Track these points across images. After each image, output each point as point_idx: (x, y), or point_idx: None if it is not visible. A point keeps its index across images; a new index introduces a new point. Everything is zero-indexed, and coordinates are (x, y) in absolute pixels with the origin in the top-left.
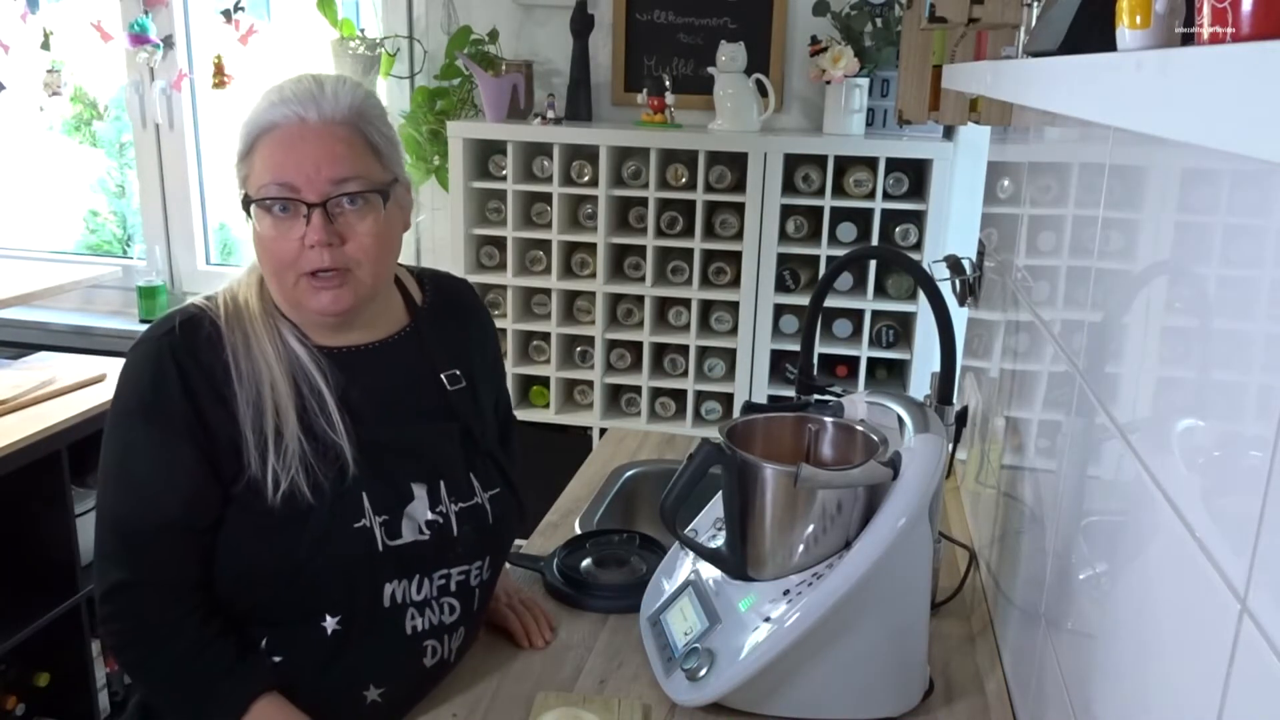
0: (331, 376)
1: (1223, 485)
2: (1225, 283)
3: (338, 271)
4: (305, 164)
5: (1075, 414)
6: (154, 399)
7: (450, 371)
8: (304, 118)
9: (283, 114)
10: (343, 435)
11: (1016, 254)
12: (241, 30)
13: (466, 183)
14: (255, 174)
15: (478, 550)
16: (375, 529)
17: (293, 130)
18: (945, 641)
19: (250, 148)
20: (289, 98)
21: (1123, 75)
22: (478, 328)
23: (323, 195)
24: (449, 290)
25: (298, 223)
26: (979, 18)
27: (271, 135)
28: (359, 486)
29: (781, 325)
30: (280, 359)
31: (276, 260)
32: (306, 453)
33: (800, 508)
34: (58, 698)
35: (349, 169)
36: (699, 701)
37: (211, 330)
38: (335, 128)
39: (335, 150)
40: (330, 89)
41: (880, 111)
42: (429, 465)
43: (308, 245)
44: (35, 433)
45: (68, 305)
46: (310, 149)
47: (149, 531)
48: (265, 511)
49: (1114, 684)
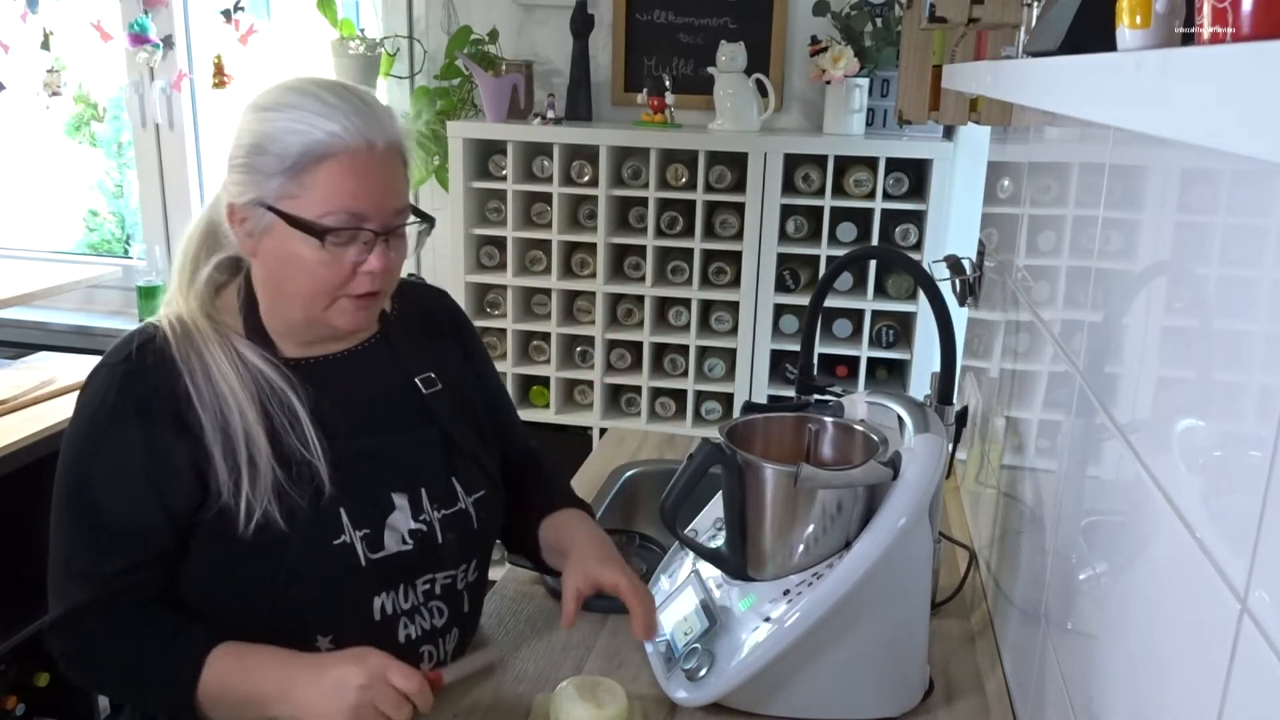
0: (302, 390)
1: (1223, 485)
2: (1225, 283)
3: (375, 294)
4: (375, 193)
5: (1075, 414)
6: (108, 428)
7: (425, 375)
8: (372, 144)
9: (349, 135)
10: (317, 453)
11: (1016, 254)
12: (241, 30)
13: (466, 183)
14: (315, 198)
15: (463, 554)
16: (356, 544)
17: (361, 157)
18: (945, 641)
19: (304, 166)
20: (348, 113)
21: (1123, 75)
22: (454, 334)
23: (386, 225)
24: (418, 297)
25: (352, 249)
26: (979, 18)
27: (338, 160)
28: (336, 503)
29: (781, 325)
30: (244, 382)
31: (322, 283)
32: (280, 479)
33: (800, 508)
34: (58, 698)
35: (404, 197)
36: (699, 701)
37: (167, 354)
38: (393, 154)
39: (396, 179)
40: (381, 112)
41: (880, 111)
42: (409, 474)
43: (363, 271)
44: (35, 433)
45: (68, 305)
46: (378, 179)
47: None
48: (235, 539)
49: (1114, 684)
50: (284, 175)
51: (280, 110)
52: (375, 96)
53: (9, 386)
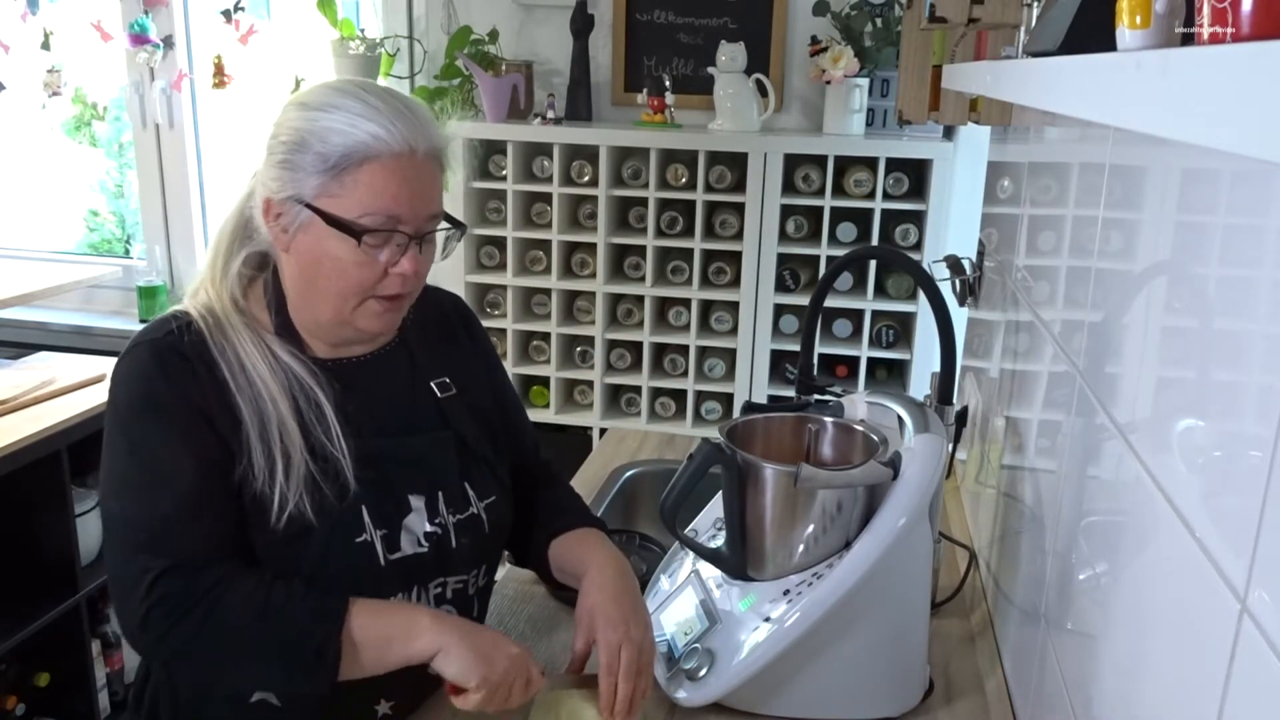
0: (330, 388)
1: (1223, 485)
2: (1225, 283)
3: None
4: (415, 198)
5: (1075, 414)
6: (166, 393)
7: (440, 379)
8: (414, 149)
9: (393, 138)
10: (342, 449)
11: (1016, 254)
12: (241, 30)
13: (466, 183)
14: (354, 199)
15: (475, 559)
16: (376, 543)
17: (403, 161)
18: (945, 641)
19: (346, 166)
20: (392, 117)
21: (1123, 75)
22: (468, 339)
23: (420, 229)
24: (434, 303)
25: (386, 250)
26: (979, 18)
27: (380, 162)
28: (359, 500)
29: (781, 325)
30: (275, 376)
31: (351, 282)
32: (313, 472)
33: (800, 508)
34: (58, 698)
35: (439, 203)
36: (699, 701)
37: (203, 340)
38: (433, 160)
39: (434, 185)
40: (425, 117)
41: (880, 111)
42: (426, 477)
43: (395, 273)
44: (35, 433)
45: (68, 305)
46: (419, 184)
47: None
48: (265, 531)
49: (1114, 684)
50: (325, 174)
51: (325, 110)
52: (420, 103)
53: (9, 386)
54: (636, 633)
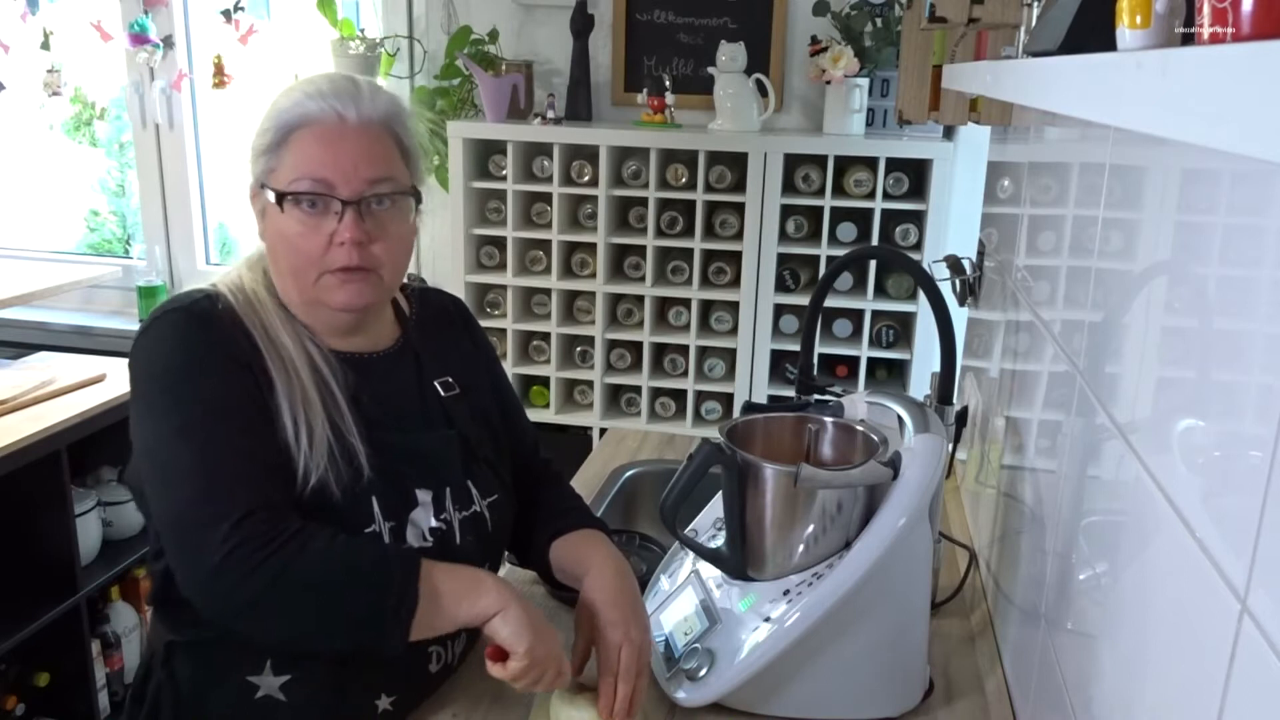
0: (344, 379)
1: (1223, 485)
2: (1225, 283)
3: (362, 270)
4: (343, 161)
5: (1075, 414)
6: (210, 348)
7: (443, 379)
8: (343, 115)
9: (320, 109)
10: (357, 437)
11: (1016, 254)
12: (241, 30)
13: (466, 183)
14: (286, 167)
15: (478, 557)
16: (384, 534)
17: (331, 127)
18: (945, 641)
19: (281, 140)
20: (326, 93)
21: (1123, 75)
22: (469, 340)
23: (357, 194)
24: (436, 304)
25: (328, 220)
26: (979, 18)
27: (308, 130)
28: (370, 489)
29: (781, 325)
30: (299, 351)
31: (301, 256)
32: (333, 448)
33: (800, 508)
34: (58, 698)
35: (384, 170)
36: (699, 701)
37: (233, 311)
38: (373, 128)
39: (373, 150)
40: (367, 90)
41: (880, 111)
42: (435, 472)
43: (337, 242)
44: (35, 433)
45: (68, 305)
46: (349, 147)
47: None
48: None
49: (1114, 684)
50: (269, 153)
51: (282, 97)
52: (372, 82)
53: (9, 386)
54: (636, 634)
